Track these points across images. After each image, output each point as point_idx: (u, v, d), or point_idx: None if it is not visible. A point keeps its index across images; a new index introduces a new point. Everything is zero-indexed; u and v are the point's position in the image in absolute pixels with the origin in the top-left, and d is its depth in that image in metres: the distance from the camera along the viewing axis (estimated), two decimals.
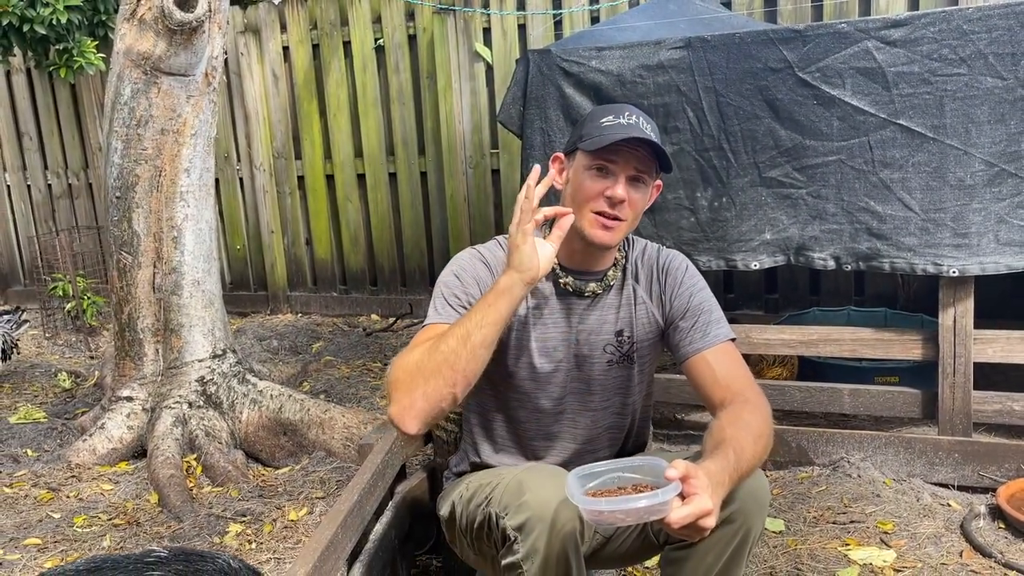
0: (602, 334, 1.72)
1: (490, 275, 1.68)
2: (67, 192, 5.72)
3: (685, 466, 1.26)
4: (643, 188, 1.63)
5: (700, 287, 1.72)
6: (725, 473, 1.35)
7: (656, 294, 1.73)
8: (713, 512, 1.25)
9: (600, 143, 1.57)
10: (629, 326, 1.72)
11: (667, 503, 1.23)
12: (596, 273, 1.72)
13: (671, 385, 2.98)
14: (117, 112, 3.24)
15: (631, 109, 1.64)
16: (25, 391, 4.08)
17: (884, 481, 2.67)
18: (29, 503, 2.91)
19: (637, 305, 1.73)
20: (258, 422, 3.29)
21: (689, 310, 1.67)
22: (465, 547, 1.72)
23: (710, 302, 1.69)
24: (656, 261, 1.75)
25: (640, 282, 1.74)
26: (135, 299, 3.34)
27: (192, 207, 3.35)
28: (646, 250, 1.77)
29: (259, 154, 5.19)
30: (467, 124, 4.75)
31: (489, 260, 1.72)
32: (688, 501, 1.24)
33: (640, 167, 1.60)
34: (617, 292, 1.74)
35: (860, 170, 2.57)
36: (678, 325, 1.67)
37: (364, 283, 5.24)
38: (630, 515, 1.26)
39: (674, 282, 1.71)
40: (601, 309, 1.73)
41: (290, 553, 2.53)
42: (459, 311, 1.60)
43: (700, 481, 1.25)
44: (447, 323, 1.57)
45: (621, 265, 1.74)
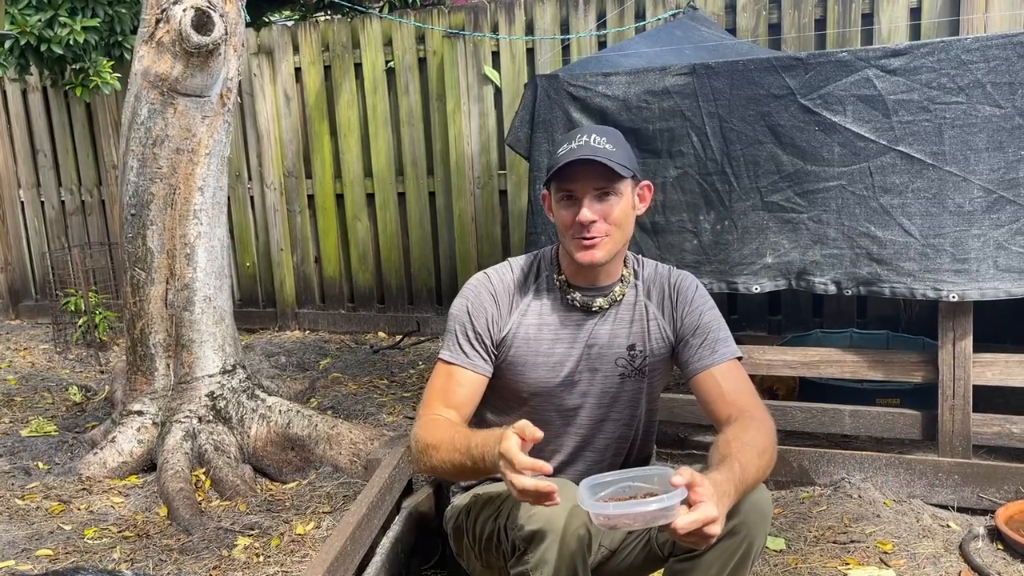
0: (614, 348, 1.77)
1: (495, 305, 1.78)
2: (80, 209, 5.80)
3: (691, 474, 1.29)
4: (614, 198, 1.67)
5: (709, 306, 1.78)
6: (731, 484, 1.39)
7: (668, 311, 1.78)
8: (718, 520, 1.28)
9: (553, 174, 1.66)
10: (642, 341, 1.77)
11: (673, 508, 1.27)
12: (602, 289, 1.78)
13: (675, 405, 3.02)
14: (134, 131, 3.31)
15: (586, 129, 1.71)
16: (36, 405, 4.14)
17: (884, 502, 2.70)
18: (41, 515, 2.95)
19: (649, 321, 1.78)
20: (267, 437, 3.33)
21: (699, 328, 1.73)
22: (473, 559, 1.76)
23: (718, 321, 1.75)
24: (668, 280, 1.81)
25: (652, 299, 1.79)
26: (148, 314, 3.40)
27: (205, 225, 3.42)
28: (657, 269, 1.84)
29: (270, 173, 5.27)
30: (475, 145, 4.83)
31: (497, 288, 1.80)
32: (694, 508, 1.27)
33: (599, 183, 1.65)
34: (629, 308, 1.79)
35: (861, 195, 2.62)
36: (688, 342, 1.73)
37: (372, 301, 5.30)
38: (637, 519, 1.29)
39: (685, 301, 1.77)
40: (612, 324, 1.78)
41: (297, 567, 2.56)
42: (467, 350, 1.76)
43: (706, 489, 1.29)
44: (457, 363, 1.75)
45: (630, 281, 1.79)
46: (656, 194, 2.87)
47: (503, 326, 1.77)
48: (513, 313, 1.79)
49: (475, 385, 1.76)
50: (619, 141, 1.71)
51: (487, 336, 1.77)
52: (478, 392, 1.77)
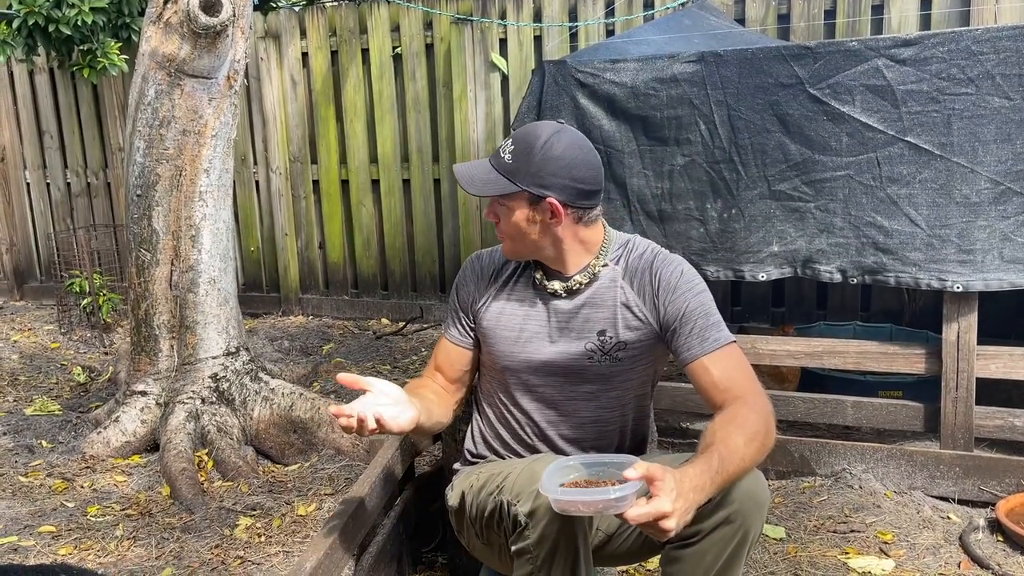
0: (584, 332, 1.77)
1: (475, 281, 1.89)
2: (86, 191, 5.81)
3: (647, 467, 1.30)
4: (502, 208, 1.75)
5: (697, 291, 1.72)
6: (706, 476, 1.37)
7: (649, 297, 1.74)
8: (673, 515, 1.28)
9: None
10: (613, 327, 1.75)
11: (626, 499, 1.29)
12: (562, 275, 1.80)
13: (676, 393, 3.02)
14: (141, 112, 3.31)
15: (514, 134, 1.76)
16: (41, 384, 4.15)
17: (885, 493, 2.70)
18: (44, 492, 2.96)
19: (626, 307, 1.75)
20: (269, 419, 3.34)
21: (685, 315, 1.68)
22: (473, 536, 1.77)
23: (707, 306, 1.70)
24: (651, 267, 1.76)
25: (633, 286, 1.76)
26: (152, 295, 3.41)
27: (210, 207, 3.42)
28: (644, 254, 1.79)
29: (276, 158, 5.27)
30: (481, 133, 4.82)
31: (484, 265, 1.90)
32: (650, 502, 1.28)
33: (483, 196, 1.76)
34: (604, 293, 1.77)
35: (868, 185, 2.62)
36: (676, 330, 1.69)
37: (375, 287, 5.30)
38: (589, 506, 1.33)
39: (668, 288, 1.72)
40: (583, 308, 1.77)
41: (299, 547, 2.58)
42: (451, 323, 1.93)
43: (665, 484, 1.28)
44: (444, 334, 1.94)
45: (595, 272, 1.77)
46: (662, 182, 2.87)
47: (479, 300, 1.87)
48: (490, 289, 1.87)
49: (455, 354, 1.91)
50: (528, 151, 1.68)
51: (463, 309, 1.90)
52: (460, 360, 1.91)
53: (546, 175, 1.68)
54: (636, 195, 2.90)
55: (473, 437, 1.96)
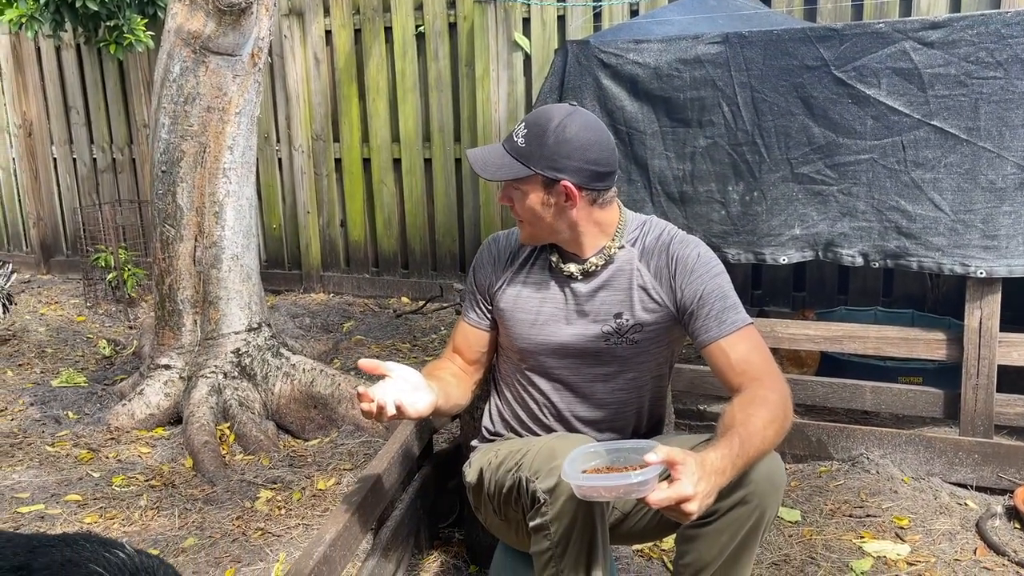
0: (601, 314, 1.77)
1: (492, 264, 1.89)
2: (111, 166, 5.87)
3: (667, 451, 1.31)
4: (517, 192, 1.74)
5: (714, 273, 1.71)
6: (726, 460, 1.38)
7: (666, 279, 1.74)
8: (695, 498, 1.29)
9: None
10: (629, 309, 1.76)
11: (647, 484, 1.30)
12: (578, 258, 1.80)
13: (695, 376, 3.03)
14: (166, 89, 3.34)
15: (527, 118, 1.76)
16: (67, 357, 4.22)
17: (902, 478, 2.70)
18: (70, 462, 3.03)
19: (643, 290, 1.75)
20: (290, 395, 3.39)
21: (702, 297, 1.68)
22: (490, 512, 1.79)
23: (725, 288, 1.70)
24: (668, 249, 1.75)
25: (650, 268, 1.76)
26: (176, 271, 3.45)
27: (234, 184, 3.45)
28: (661, 236, 1.78)
29: (298, 135, 5.29)
30: (503, 112, 4.81)
31: (501, 247, 1.91)
32: (671, 485, 1.29)
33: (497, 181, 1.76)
34: (621, 275, 1.77)
35: (892, 169, 2.60)
36: (694, 313, 1.69)
37: (396, 266, 5.33)
38: (611, 491, 1.34)
39: (685, 270, 1.72)
40: (600, 291, 1.78)
41: (318, 520, 2.62)
42: (469, 305, 1.94)
43: (686, 468, 1.30)
44: (462, 316, 1.96)
45: (612, 254, 1.78)
46: (684, 164, 2.86)
47: (495, 282, 1.88)
48: (506, 271, 1.87)
49: (473, 336, 1.93)
50: (540, 134, 1.68)
51: (480, 291, 1.91)
52: (476, 342, 1.93)
53: (559, 158, 1.68)
54: (657, 177, 2.89)
55: (491, 416, 1.98)
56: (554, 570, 1.57)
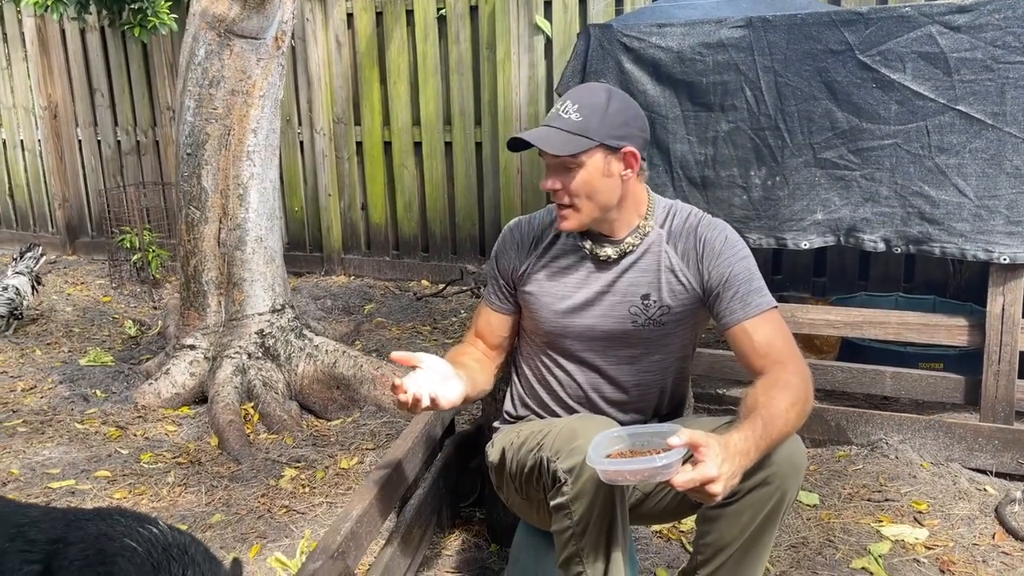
0: (628, 296, 1.79)
1: (516, 248, 1.89)
2: (135, 149, 5.93)
3: (691, 434, 1.33)
4: (574, 169, 1.71)
5: (740, 256, 1.73)
6: (750, 442, 1.41)
7: (693, 262, 1.76)
8: (719, 479, 1.31)
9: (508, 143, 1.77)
10: (657, 291, 1.77)
11: (672, 466, 1.32)
12: (612, 239, 1.80)
13: (713, 360, 3.04)
14: (191, 72, 3.37)
15: (571, 93, 1.74)
16: (94, 336, 4.29)
17: (921, 463, 2.71)
18: (99, 439, 3.09)
19: (670, 272, 1.77)
20: (313, 375, 3.43)
21: (728, 280, 1.70)
22: (512, 492, 1.82)
23: (751, 271, 1.71)
24: (695, 231, 1.77)
25: (677, 250, 1.78)
26: (201, 252, 3.50)
27: (258, 166, 3.49)
28: (688, 218, 1.80)
29: (320, 119, 5.32)
30: (524, 96, 4.81)
31: (523, 232, 1.91)
32: (695, 467, 1.32)
33: (551, 158, 1.71)
34: (648, 257, 1.79)
35: (916, 154, 2.59)
36: (719, 295, 1.71)
37: (416, 249, 5.36)
38: (635, 475, 1.37)
39: (712, 252, 1.74)
40: (628, 273, 1.79)
41: (342, 498, 2.66)
42: (491, 290, 1.94)
43: (710, 450, 1.32)
44: (484, 301, 1.96)
45: (651, 230, 1.79)
46: (706, 149, 2.86)
47: (519, 267, 1.88)
48: (531, 255, 1.87)
49: (495, 321, 1.94)
50: (596, 106, 1.70)
51: (504, 277, 1.91)
52: (499, 327, 1.94)
53: (620, 126, 1.71)
54: (679, 161, 2.89)
55: (512, 399, 2.00)
56: (575, 548, 1.60)
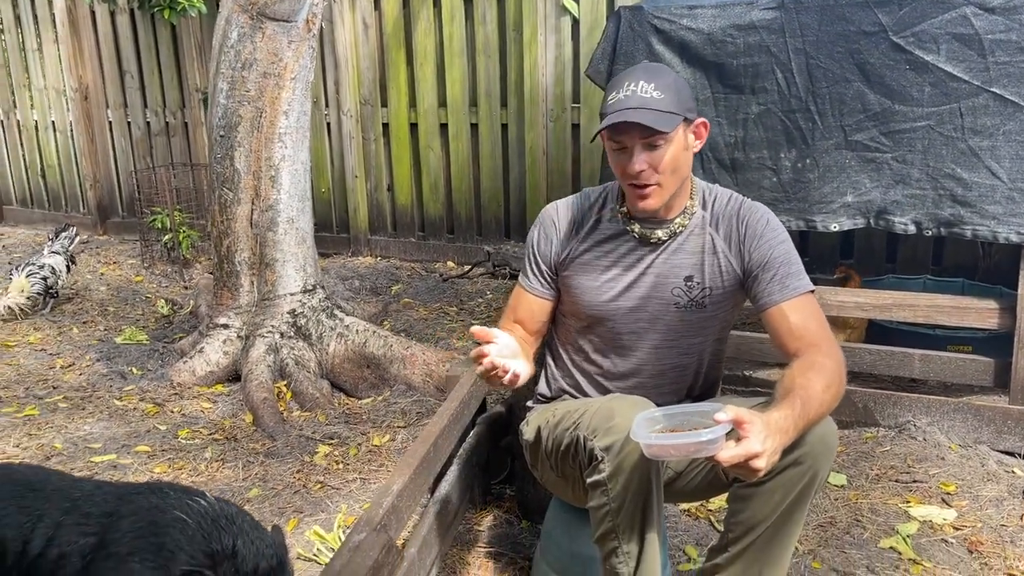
0: (671, 278, 1.81)
1: (556, 232, 1.90)
2: (164, 130, 5.99)
3: (736, 411, 1.36)
4: (663, 147, 1.70)
5: (781, 239, 1.76)
6: (789, 420, 1.43)
7: (735, 244, 1.79)
8: (763, 455, 1.34)
9: (599, 130, 1.72)
10: (700, 273, 1.80)
11: (716, 442, 1.34)
12: (663, 221, 1.82)
13: (742, 342, 3.06)
14: (224, 54, 3.41)
15: (636, 73, 1.73)
16: (128, 315, 4.38)
17: (949, 446, 2.72)
18: (137, 415, 3.17)
19: (713, 254, 1.80)
20: (344, 354, 3.49)
21: (768, 262, 1.73)
22: (547, 469, 1.85)
23: (790, 255, 1.74)
24: (737, 213, 1.80)
25: (720, 232, 1.81)
26: (234, 233, 3.55)
27: (289, 148, 3.53)
28: (729, 201, 1.83)
29: (347, 100, 5.35)
30: (550, 77, 4.82)
31: (562, 216, 1.92)
32: (740, 443, 1.34)
33: (644, 135, 1.68)
34: (691, 239, 1.81)
35: (949, 136, 2.58)
36: (757, 276, 1.74)
37: (442, 230, 5.40)
38: (680, 450, 1.39)
39: (754, 234, 1.77)
40: (671, 254, 1.82)
41: (375, 475, 2.72)
42: (529, 274, 1.93)
43: (754, 426, 1.35)
44: (522, 285, 1.94)
45: (695, 213, 1.82)
46: (736, 131, 2.86)
47: (561, 251, 1.89)
48: (572, 240, 1.88)
49: (534, 305, 1.93)
50: (669, 84, 1.71)
51: (545, 262, 1.90)
52: (539, 312, 1.93)
53: (688, 99, 1.75)
54: (708, 143, 2.90)
55: (547, 380, 2.02)
56: (610, 524, 1.63)
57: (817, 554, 2.22)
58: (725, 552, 1.72)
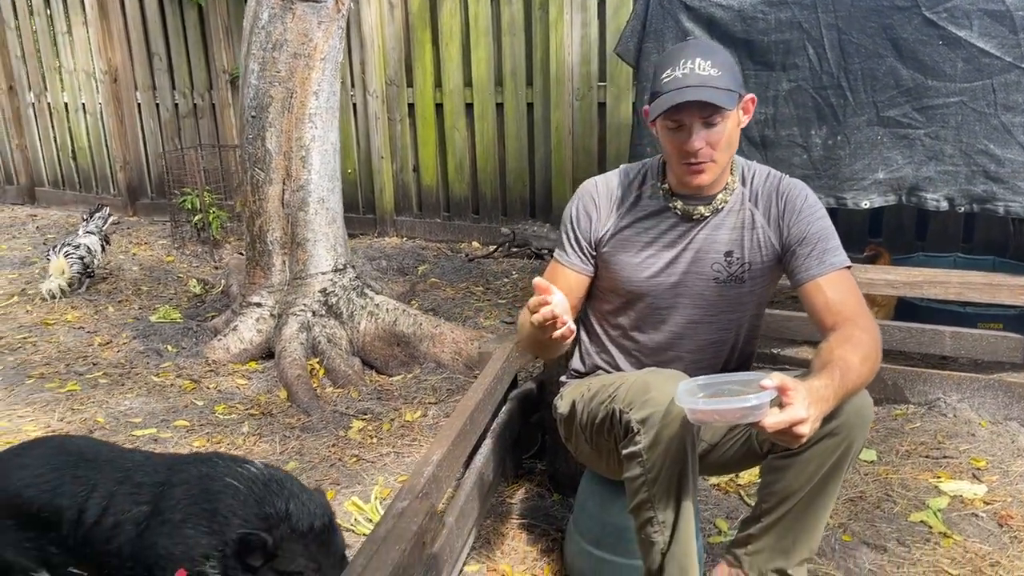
0: (711, 253, 1.83)
1: (595, 208, 1.89)
2: (192, 112, 6.05)
3: (781, 378, 1.37)
4: (720, 124, 1.70)
5: (819, 215, 1.77)
6: (829, 390, 1.45)
7: (774, 220, 1.80)
8: (807, 420, 1.36)
9: (658, 110, 1.69)
10: (740, 248, 1.82)
11: (761, 408, 1.36)
12: (705, 198, 1.83)
13: (771, 320, 3.06)
14: (255, 35, 3.45)
15: (690, 50, 1.71)
16: (161, 294, 4.45)
17: (980, 422, 2.73)
18: (175, 391, 3.24)
19: (753, 229, 1.81)
20: (374, 333, 3.54)
21: (807, 237, 1.74)
22: (582, 442, 1.89)
23: (828, 230, 1.76)
24: (776, 189, 1.81)
25: (759, 207, 1.82)
26: (266, 213, 3.60)
27: (319, 128, 3.56)
28: (768, 177, 1.85)
29: (373, 81, 5.37)
30: (576, 56, 4.81)
31: (600, 192, 1.91)
32: (784, 409, 1.36)
33: (704, 113, 1.68)
34: (732, 215, 1.83)
35: (981, 112, 2.57)
36: (795, 251, 1.75)
37: (467, 211, 5.42)
38: (725, 415, 1.40)
39: (793, 209, 1.78)
40: (712, 230, 1.83)
41: (408, 449, 2.77)
42: (567, 249, 1.91)
43: (798, 393, 1.37)
44: (559, 260, 1.92)
45: (735, 189, 1.83)
46: (766, 108, 2.86)
47: (600, 228, 1.89)
48: (612, 216, 1.89)
49: (572, 280, 1.91)
50: (724, 61, 1.71)
51: (584, 238, 1.90)
52: (577, 287, 1.92)
53: (739, 75, 1.75)
54: None
55: (582, 356, 2.05)
56: (646, 495, 1.66)
57: (847, 527, 2.25)
58: (758, 522, 1.74)
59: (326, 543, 1.60)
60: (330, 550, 1.61)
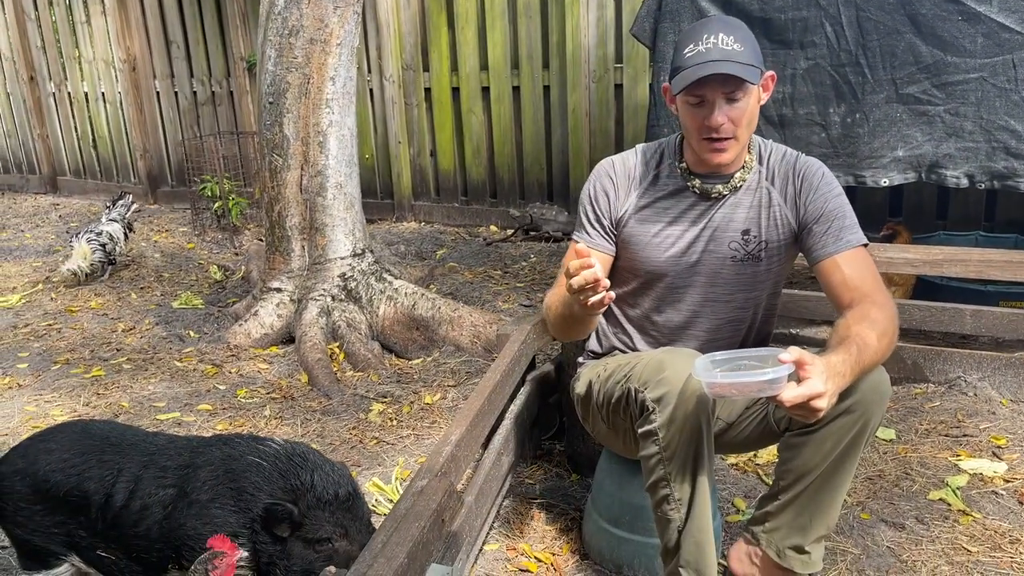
0: (728, 232, 1.83)
1: (614, 188, 1.89)
2: (210, 99, 6.09)
3: (799, 353, 1.38)
4: (743, 99, 1.69)
5: (836, 193, 1.77)
6: (846, 365, 1.46)
7: (791, 198, 1.80)
8: (825, 395, 1.37)
9: (681, 84, 1.67)
10: (757, 226, 1.82)
11: (779, 382, 1.36)
12: (723, 176, 1.83)
13: (788, 300, 3.05)
14: (271, 21, 3.46)
15: (713, 26, 1.70)
16: (182, 281, 4.50)
17: (1000, 400, 2.71)
18: (197, 376, 3.28)
19: (769, 207, 1.81)
20: (393, 317, 3.56)
21: (823, 215, 1.74)
22: (599, 421, 1.90)
23: (844, 208, 1.76)
24: (794, 167, 1.81)
25: (776, 185, 1.82)
26: (284, 199, 3.63)
27: (336, 114, 3.58)
28: (785, 156, 1.84)
29: (389, 66, 5.38)
30: (592, 38, 4.79)
31: (618, 172, 1.91)
32: (802, 383, 1.37)
33: (729, 87, 1.67)
34: (749, 193, 1.83)
35: (1002, 88, 2.54)
36: (812, 229, 1.75)
37: (484, 195, 5.43)
38: (743, 389, 1.40)
39: (809, 187, 1.78)
40: (729, 208, 1.83)
41: (428, 431, 2.80)
42: (588, 230, 1.90)
43: (815, 368, 1.37)
44: (593, 247, 1.88)
45: (752, 167, 1.83)
46: (784, 87, 2.84)
47: (619, 207, 1.89)
48: (631, 195, 1.89)
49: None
50: (746, 37, 1.71)
51: (605, 217, 1.90)
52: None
53: (760, 51, 1.73)
54: None
55: (599, 337, 2.05)
56: (662, 472, 1.67)
57: (866, 506, 2.25)
58: (776, 500, 1.76)
59: (351, 509, 1.63)
60: (356, 515, 1.64)
